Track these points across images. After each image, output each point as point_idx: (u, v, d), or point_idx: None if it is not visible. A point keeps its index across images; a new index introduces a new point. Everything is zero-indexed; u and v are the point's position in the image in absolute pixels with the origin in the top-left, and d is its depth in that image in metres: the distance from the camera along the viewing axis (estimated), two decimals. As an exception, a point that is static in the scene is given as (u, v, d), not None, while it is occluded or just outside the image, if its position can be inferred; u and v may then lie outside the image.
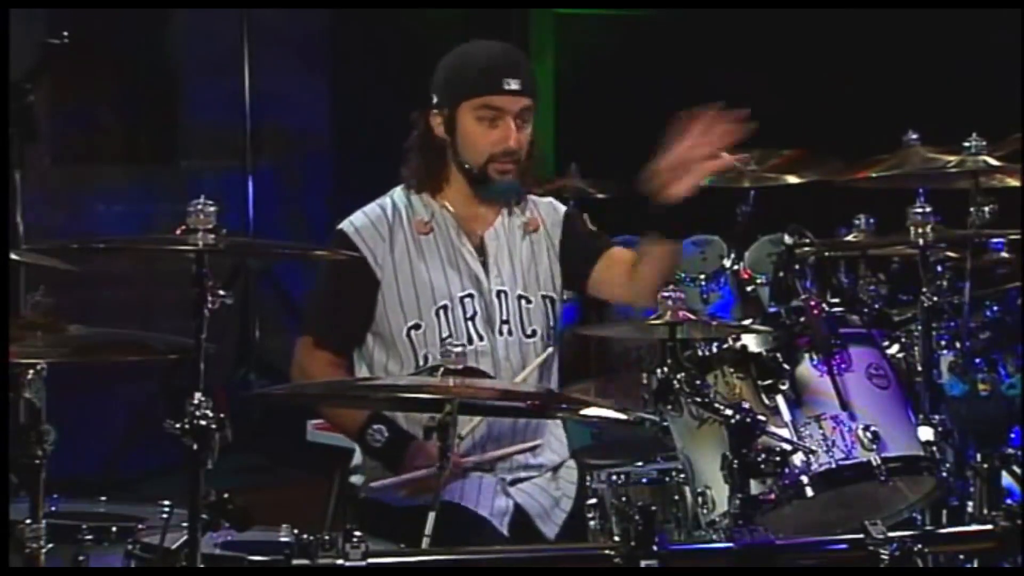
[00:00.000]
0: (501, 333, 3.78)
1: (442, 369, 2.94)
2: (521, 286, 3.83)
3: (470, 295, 3.77)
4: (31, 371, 2.82)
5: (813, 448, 3.21)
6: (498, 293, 3.80)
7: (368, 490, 3.74)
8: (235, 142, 6.39)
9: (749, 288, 5.45)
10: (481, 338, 3.75)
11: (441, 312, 3.75)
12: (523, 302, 3.82)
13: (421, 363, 3.72)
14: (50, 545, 2.85)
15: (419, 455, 3.57)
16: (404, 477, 3.58)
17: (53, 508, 3.09)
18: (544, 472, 3.82)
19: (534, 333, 3.82)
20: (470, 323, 3.76)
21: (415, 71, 3.97)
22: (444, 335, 3.71)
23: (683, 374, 3.21)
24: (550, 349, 3.82)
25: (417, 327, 3.74)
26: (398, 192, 3.86)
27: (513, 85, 3.72)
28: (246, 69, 6.35)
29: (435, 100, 3.79)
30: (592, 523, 3.60)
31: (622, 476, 3.66)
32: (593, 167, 5.98)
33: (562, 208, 4.02)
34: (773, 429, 3.17)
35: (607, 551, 2.72)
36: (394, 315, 3.75)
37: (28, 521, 2.83)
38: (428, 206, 3.82)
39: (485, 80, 3.74)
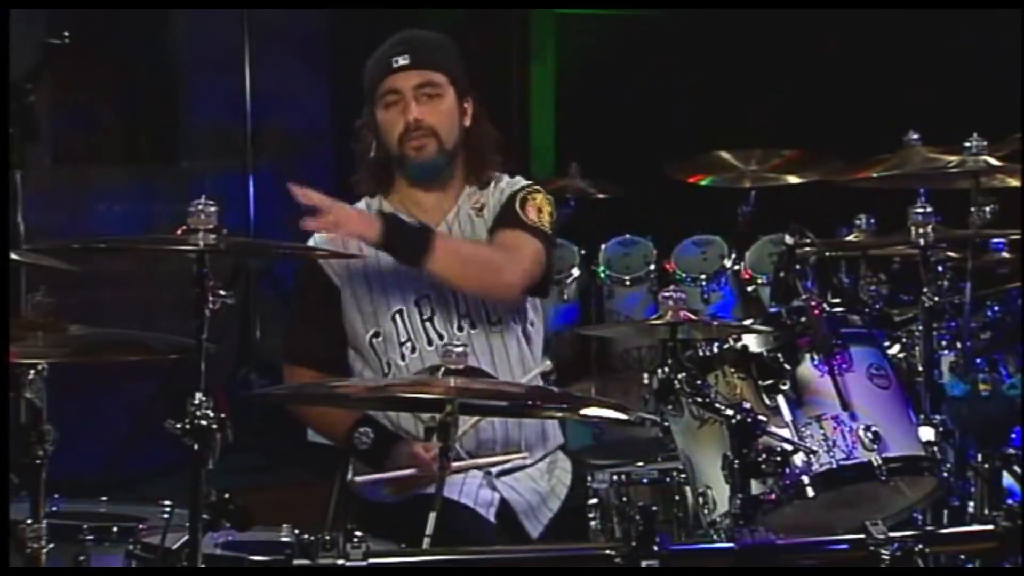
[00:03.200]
0: (461, 328, 3.73)
1: (442, 369, 2.93)
2: None
3: (427, 296, 3.74)
4: (32, 371, 2.82)
5: (814, 448, 3.21)
6: None
7: (352, 484, 3.74)
8: (236, 142, 6.38)
9: (750, 288, 5.45)
10: (441, 337, 3.72)
11: (397, 316, 3.74)
12: None
13: (385, 370, 3.73)
14: (51, 545, 2.86)
15: (404, 455, 3.58)
16: (389, 475, 3.59)
17: (54, 508, 3.09)
18: (533, 464, 3.78)
19: (499, 320, 3.76)
20: (428, 324, 3.74)
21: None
22: (403, 339, 3.71)
23: (684, 374, 3.21)
24: (547, 363, 3.79)
25: (377, 335, 3.75)
26: (361, 204, 3.85)
27: (401, 61, 3.77)
28: (246, 69, 6.35)
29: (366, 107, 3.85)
30: (593, 523, 3.61)
31: (623, 476, 3.67)
32: (593, 167, 5.98)
33: (519, 186, 3.84)
34: (774, 429, 3.17)
35: (608, 551, 2.72)
36: (358, 325, 3.76)
37: (29, 521, 2.83)
38: (380, 211, 3.78)
39: (377, 67, 3.80)
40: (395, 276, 3.74)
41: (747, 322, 3.70)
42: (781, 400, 3.27)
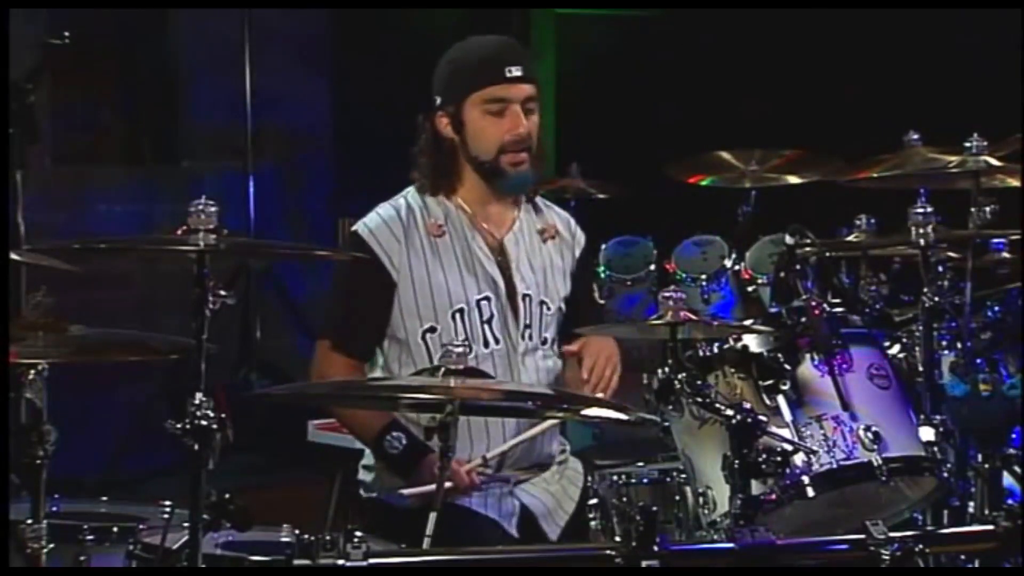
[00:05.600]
0: (523, 337, 3.75)
1: (443, 369, 2.93)
2: (543, 291, 3.80)
3: (487, 298, 3.72)
4: (32, 371, 2.82)
5: (814, 448, 3.22)
6: (523, 297, 3.76)
7: (385, 492, 3.72)
8: (236, 142, 6.38)
9: (750, 288, 5.45)
10: (498, 341, 3.71)
11: (457, 316, 3.70)
12: (543, 308, 3.79)
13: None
14: (51, 545, 2.86)
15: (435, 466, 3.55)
16: (430, 488, 3.49)
17: (54, 508, 3.09)
18: (549, 467, 3.79)
19: (546, 341, 3.79)
20: (487, 326, 3.72)
21: (415, 71, 3.97)
22: (461, 339, 3.68)
23: (684, 374, 3.21)
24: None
25: (433, 330, 3.70)
26: (412, 193, 3.80)
27: (516, 72, 3.69)
28: (247, 69, 6.35)
29: (439, 101, 3.75)
30: (593, 523, 3.61)
31: (623, 476, 3.67)
32: (593, 167, 5.98)
33: (581, 235, 3.96)
34: (774, 429, 3.18)
35: (608, 551, 2.72)
36: (410, 318, 3.71)
37: (29, 521, 2.83)
38: (443, 207, 3.76)
39: (487, 71, 3.70)
40: (456, 273, 3.72)
41: (747, 322, 3.70)
42: (781, 400, 3.27)
